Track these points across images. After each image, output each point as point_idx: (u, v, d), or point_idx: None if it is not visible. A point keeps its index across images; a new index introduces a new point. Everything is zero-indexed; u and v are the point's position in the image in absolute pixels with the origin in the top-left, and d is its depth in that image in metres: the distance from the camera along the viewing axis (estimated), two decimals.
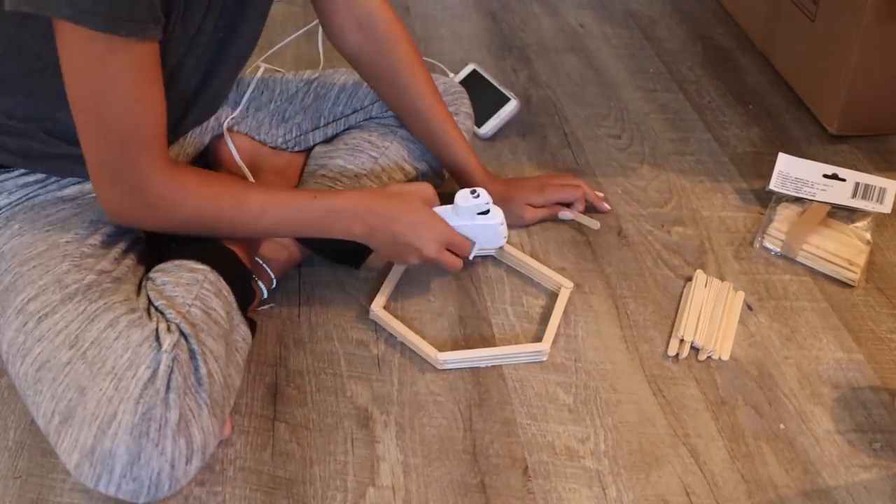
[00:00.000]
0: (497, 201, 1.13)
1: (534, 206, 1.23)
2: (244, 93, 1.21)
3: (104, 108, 0.82)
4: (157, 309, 0.88)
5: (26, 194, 0.96)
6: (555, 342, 1.07)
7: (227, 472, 0.91)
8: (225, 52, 0.99)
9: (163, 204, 0.89)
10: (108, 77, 0.80)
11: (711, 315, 1.10)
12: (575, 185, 1.26)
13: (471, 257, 1.08)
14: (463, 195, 1.03)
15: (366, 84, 1.23)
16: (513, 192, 1.22)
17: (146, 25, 0.79)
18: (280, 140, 1.22)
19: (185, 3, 0.86)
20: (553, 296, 1.13)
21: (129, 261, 0.94)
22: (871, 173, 1.32)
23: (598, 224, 1.25)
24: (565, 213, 1.25)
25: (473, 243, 1.06)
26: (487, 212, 1.04)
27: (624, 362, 1.05)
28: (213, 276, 0.92)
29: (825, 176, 1.30)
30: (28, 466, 0.91)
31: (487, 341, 1.07)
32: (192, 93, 0.99)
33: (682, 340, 1.07)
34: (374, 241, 1.00)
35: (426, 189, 1.03)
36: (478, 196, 1.03)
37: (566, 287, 1.12)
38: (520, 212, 1.21)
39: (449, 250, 1.04)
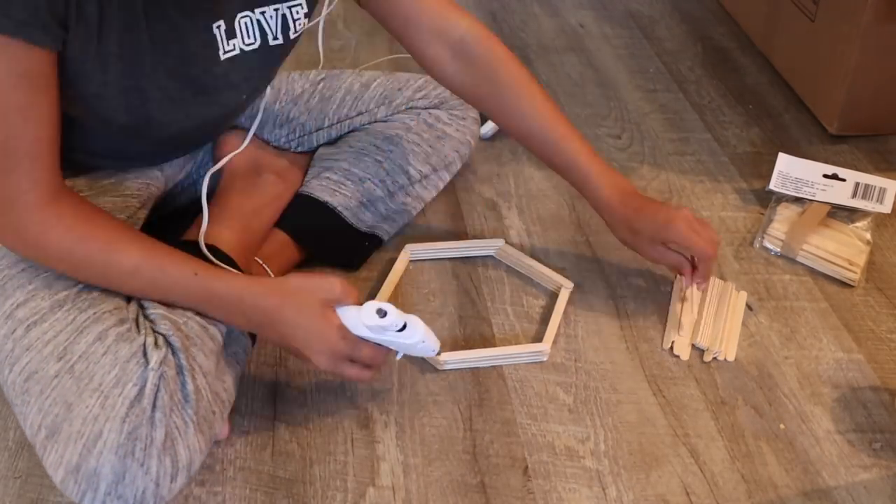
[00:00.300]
0: (622, 226, 1.05)
1: (657, 245, 1.05)
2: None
3: None
4: (147, 318, 0.87)
5: None
6: (555, 342, 1.07)
7: (227, 472, 0.91)
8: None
9: (32, 229, 0.82)
10: None
11: (715, 316, 1.10)
12: (713, 240, 1.04)
13: (396, 359, 0.95)
14: (368, 313, 0.86)
15: (372, 87, 1.23)
16: (639, 222, 1.04)
17: (25, 27, 0.74)
18: (283, 140, 1.22)
19: (97, 18, 0.80)
20: (553, 296, 1.13)
21: None
22: (871, 173, 1.32)
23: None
24: (687, 281, 1.07)
25: (395, 352, 0.93)
26: (405, 326, 0.88)
27: (624, 362, 1.05)
28: None
29: (825, 176, 1.30)
30: (28, 466, 0.91)
31: (487, 341, 1.07)
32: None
33: (692, 345, 1.07)
34: (262, 336, 0.93)
35: (332, 287, 0.87)
36: (385, 315, 0.86)
37: (566, 287, 1.12)
38: (641, 246, 1.06)
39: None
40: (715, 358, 1.05)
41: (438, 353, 0.94)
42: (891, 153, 1.44)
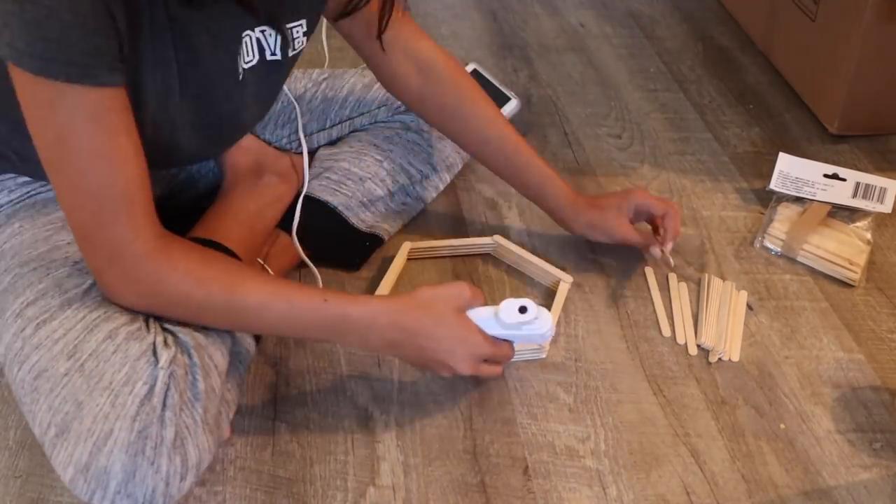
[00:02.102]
0: (586, 229, 1.13)
1: (624, 218, 1.12)
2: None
3: (65, 162, 0.76)
4: (155, 318, 0.86)
5: (27, 192, 0.95)
6: (555, 341, 1.07)
7: (227, 471, 0.91)
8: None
9: (146, 279, 0.81)
10: (59, 125, 0.74)
11: (718, 316, 1.10)
12: (665, 199, 1.16)
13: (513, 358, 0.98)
14: (508, 310, 0.90)
15: (374, 88, 1.23)
16: (601, 207, 1.13)
17: (91, 70, 0.73)
18: (284, 140, 1.22)
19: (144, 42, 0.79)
20: (553, 294, 1.13)
21: None
22: (871, 173, 1.32)
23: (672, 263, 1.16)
24: (656, 250, 1.13)
25: (513, 344, 0.96)
26: (535, 319, 0.92)
27: (624, 362, 1.05)
28: None
29: (825, 176, 1.30)
30: (28, 466, 0.91)
31: None
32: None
33: (698, 346, 1.07)
34: (396, 354, 0.92)
35: (461, 293, 0.91)
36: (525, 311, 0.90)
37: (565, 281, 1.12)
38: (610, 227, 1.12)
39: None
40: (720, 359, 1.05)
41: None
42: (891, 153, 1.44)
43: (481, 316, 0.91)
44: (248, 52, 0.90)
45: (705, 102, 1.56)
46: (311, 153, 1.23)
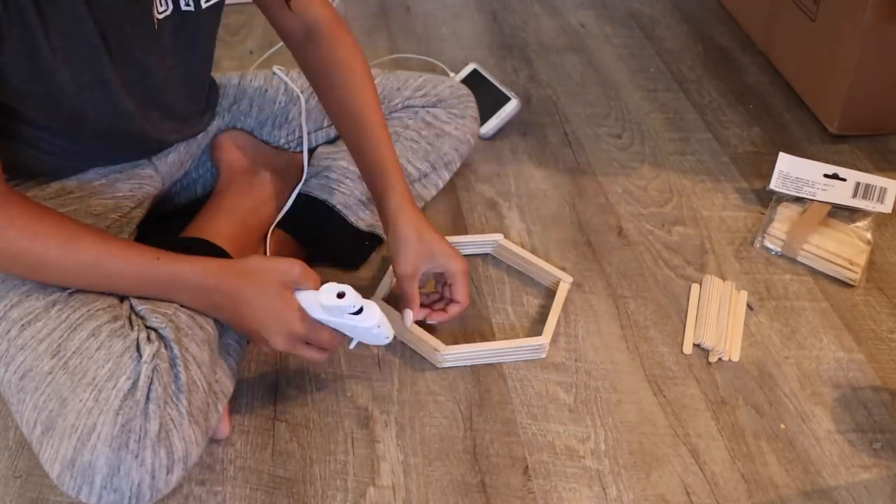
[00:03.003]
0: (411, 249, 1.01)
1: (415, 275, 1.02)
2: (245, 90, 1.21)
3: None
4: (137, 315, 0.87)
5: None
6: (555, 341, 1.07)
7: (227, 471, 0.91)
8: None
9: None
10: None
11: (718, 316, 1.10)
12: (466, 296, 1.05)
13: (350, 347, 0.94)
14: (327, 293, 0.86)
15: None
16: (430, 234, 1.02)
17: None
18: (282, 140, 1.22)
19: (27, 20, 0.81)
20: (553, 295, 1.13)
21: None
22: (871, 173, 1.32)
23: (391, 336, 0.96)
24: (407, 316, 1.02)
25: (350, 338, 0.93)
26: (361, 310, 0.88)
27: (624, 362, 1.05)
28: None
29: (826, 176, 1.30)
30: (28, 466, 0.91)
31: (487, 341, 1.07)
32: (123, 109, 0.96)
33: (694, 345, 1.07)
34: (221, 318, 0.90)
35: (290, 269, 0.88)
36: (343, 296, 0.86)
37: (565, 281, 1.12)
38: (407, 274, 1.01)
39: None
40: (720, 359, 1.05)
41: (390, 342, 0.94)
42: (891, 153, 1.44)
43: (307, 297, 0.88)
44: (160, 2, 0.91)
45: (705, 102, 1.56)
46: (310, 152, 1.23)
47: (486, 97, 1.43)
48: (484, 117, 1.41)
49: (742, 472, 0.93)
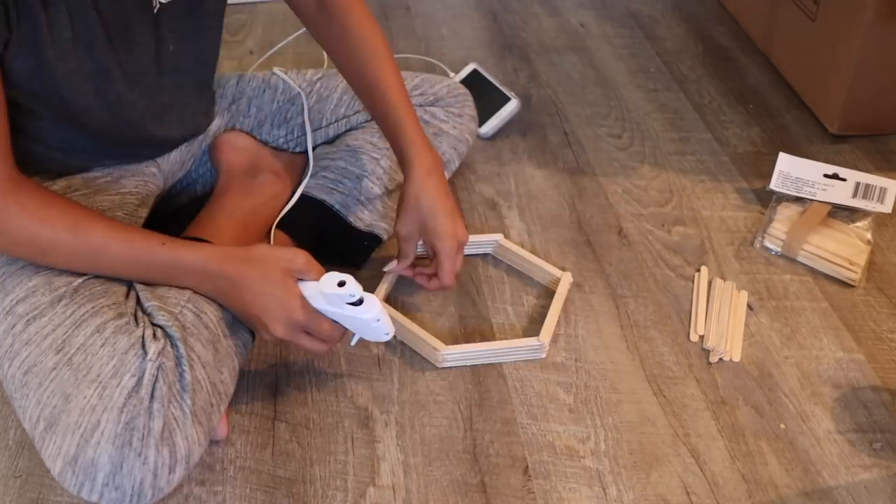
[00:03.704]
0: (418, 196, 1.02)
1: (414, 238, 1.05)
2: (244, 90, 1.21)
3: None
4: (144, 311, 0.87)
5: None
6: (555, 341, 1.07)
7: (227, 471, 0.91)
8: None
9: None
10: None
11: (718, 316, 1.10)
12: (453, 271, 1.05)
13: (351, 344, 0.95)
14: (328, 281, 0.87)
15: None
16: (415, 222, 1.03)
17: None
18: (281, 140, 1.22)
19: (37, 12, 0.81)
20: (553, 294, 1.12)
21: None
22: (871, 173, 1.32)
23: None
24: (391, 265, 1.07)
25: (352, 333, 0.93)
26: (361, 301, 0.88)
27: (624, 362, 1.05)
28: None
29: (826, 175, 1.30)
30: (28, 466, 0.91)
31: (487, 341, 1.07)
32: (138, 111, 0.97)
33: (700, 336, 1.07)
34: (223, 304, 0.91)
35: (294, 258, 0.89)
36: (343, 285, 0.86)
37: (565, 281, 1.12)
38: (400, 235, 1.05)
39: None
40: (720, 359, 1.05)
41: (391, 340, 0.94)
42: (891, 153, 1.44)
43: (309, 287, 0.89)
44: None
45: (705, 102, 1.56)
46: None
47: (486, 97, 1.43)
48: (484, 117, 1.41)
49: (742, 472, 0.93)
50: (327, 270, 0.89)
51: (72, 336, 0.83)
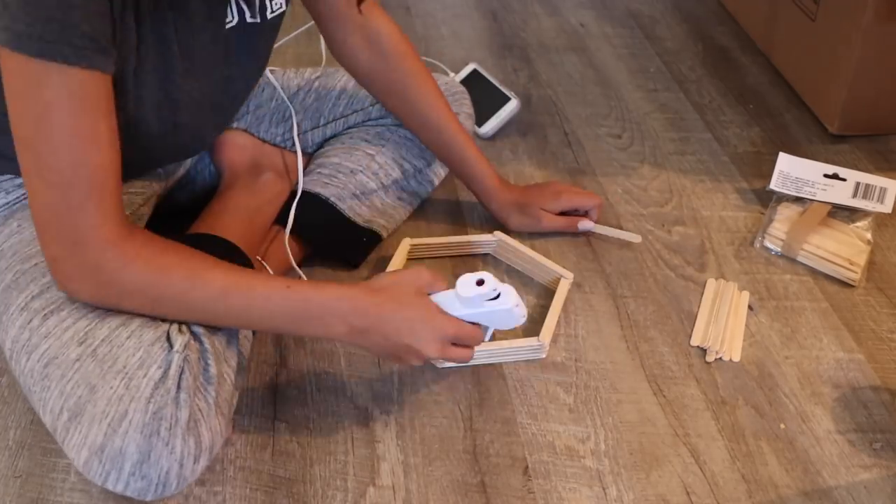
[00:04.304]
0: (511, 208, 1.18)
1: (550, 213, 1.20)
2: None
3: (40, 138, 0.75)
4: None
5: (24, 193, 0.95)
6: (555, 341, 1.07)
7: (227, 471, 0.91)
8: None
9: (107, 266, 0.80)
10: (43, 103, 0.74)
11: (717, 316, 1.10)
12: (590, 193, 1.24)
13: (486, 339, 0.94)
14: (465, 284, 0.88)
15: None
16: (528, 198, 1.20)
17: (86, 52, 0.74)
18: (279, 138, 1.22)
19: (140, 36, 0.81)
20: (553, 294, 1.12)
21: None
22: (871, 173, 1.32)
23: (639, 237, 1.21)
24: (585, 224, 1.21)
25: (486, 328, 0.94)
26: (498, 296, 0.90)
27: (624, 362, 1.05)
28: None
29: (826, 175, 1.30)
30: (28, 466, 0.91)
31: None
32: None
33: (700, 347, 1.07)
34: (362, 343, 0.88)
35: (419, 275, 0.89)
36: (482, 283, 0.88)
37: (566, 279, 1.12)
38: (536, 218, 1.19)
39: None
40: (720, 358, 1.05)
41: (525, 321, 0.95)
42: (891, 153, 1.44)
43: (443, 297, 0.89)
44: (230, 13, 0.91)
45: (705, 102, 1.56)
46: (307, 154, 1.23)
47: (486, 97, 1.43)
48: (484, 117, 1.41)
49: (742, 472, 0.93)
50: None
51: (95, 328, 0.83)
